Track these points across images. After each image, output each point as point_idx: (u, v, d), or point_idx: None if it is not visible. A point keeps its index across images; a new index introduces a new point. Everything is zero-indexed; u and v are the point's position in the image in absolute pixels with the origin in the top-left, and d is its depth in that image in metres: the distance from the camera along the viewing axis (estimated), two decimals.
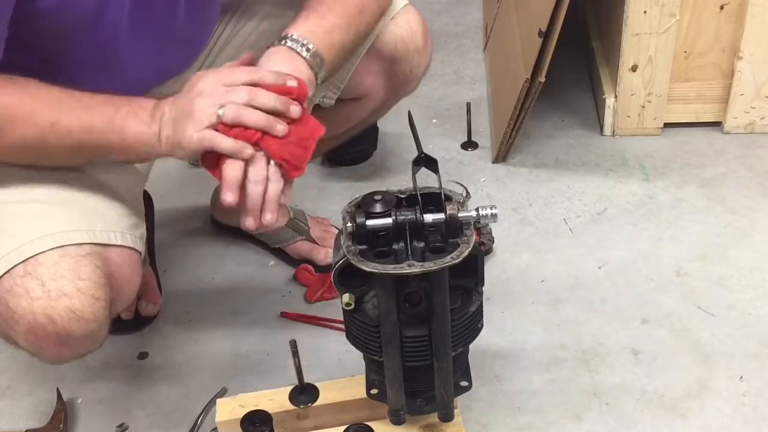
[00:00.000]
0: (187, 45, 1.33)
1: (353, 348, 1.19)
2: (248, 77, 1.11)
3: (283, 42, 1.17)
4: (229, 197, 1.08)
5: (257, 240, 1.73)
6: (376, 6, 1.29)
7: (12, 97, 1.07)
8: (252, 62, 1.17)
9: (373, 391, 1.23)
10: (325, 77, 1.21)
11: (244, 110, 1.08)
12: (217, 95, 1.09)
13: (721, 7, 1.83)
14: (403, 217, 1.07)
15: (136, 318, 1.58)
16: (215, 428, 1.31)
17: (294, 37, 1.17)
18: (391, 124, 1.78)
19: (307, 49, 1.17)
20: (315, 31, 1.17)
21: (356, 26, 1.24)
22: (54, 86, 1.09)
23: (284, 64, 1.15)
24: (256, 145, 1.09)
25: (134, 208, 1.25)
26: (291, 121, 1.11)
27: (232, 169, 1.08)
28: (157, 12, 1.19)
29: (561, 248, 1.71)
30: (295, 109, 1.11)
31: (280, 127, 1.09)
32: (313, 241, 1.67)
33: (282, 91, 1.11)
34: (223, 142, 1.08)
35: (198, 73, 1.13)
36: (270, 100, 1.09)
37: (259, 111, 1.09)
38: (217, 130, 1.08)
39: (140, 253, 1.22)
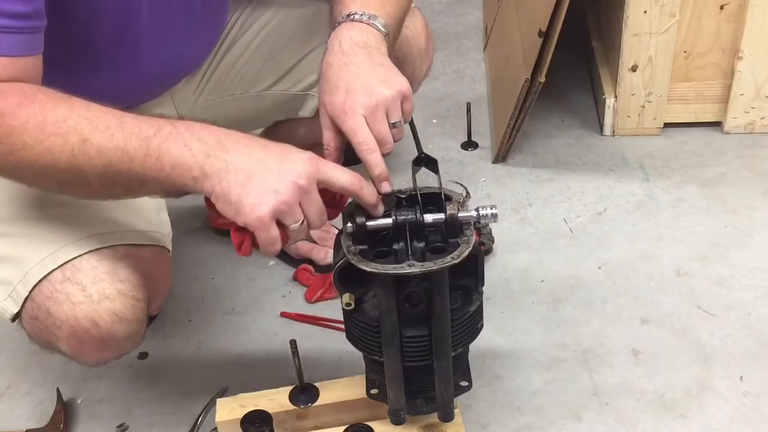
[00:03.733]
0: (205, 32, 1.33)
1: (353, 348, 1.19)
2: (350, 186, 1.04)
3: (347, 18, 1.12)
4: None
5: None
6: None
7: (47, 103, 0.97)
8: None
9: (373, 391, 1.23)
10: (390, 48, 1.16)
11: (303, 231, 1.01)
12: (306, 193, 0.99)
13: (721, 7, 1.83)
14: (403, 217, 1.07)
15: None
16: (215, 428, 1.31)
17: (357, 12, 1.12)
18: None
19: (374, 17, 1.12)
20: (368, 3, 1.13)
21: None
22: (95, 103, 0.99)
23: (356, 31, 1.11)
24: None
25: (158, 207, 1.26)
26: None
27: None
28: (174, 3, 1.20)
29: (561, 248, 1.71)
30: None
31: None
32: (313, 241, 1.67)
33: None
34: (269, 236, 0.99)
35: (289, 147, 1.03)
36: (321, 222, 1.03)
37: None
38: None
39: (170, 251, 1.23)
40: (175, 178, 0.97)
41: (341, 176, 1.03)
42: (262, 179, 0.97)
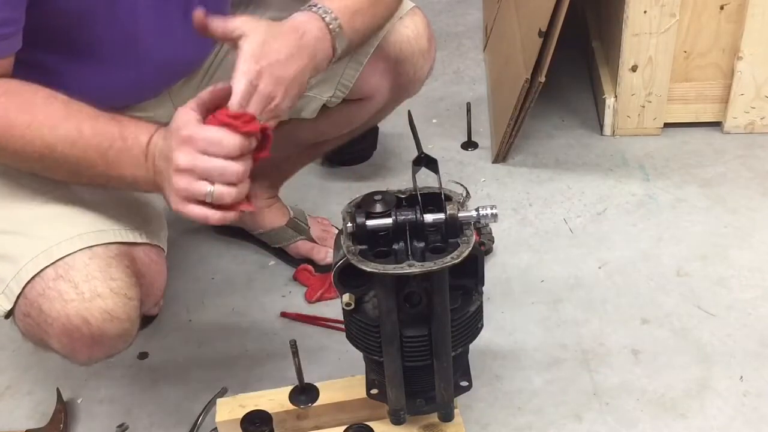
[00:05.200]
0: (201, 38, 1.33)
1: (353, 348, 1.19)
2: (224, 151, 1.02)
3: (306, 9, 1.15)
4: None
5: (257, 240, 1.73)
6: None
7: (12, 108, 1.04)
8: (228, 93, 1.09)
9: (373, 391, 1.23)
10: (341, 54, 1.18)
11: (223, 191, 1.02)
12: (192, 170, 1.01)
13: (721, 7, 1.83)
14: (403, 217, 1.07)
15: None
16: (215, 428, 1.31)
17: (318, 5, 1.14)
18: (391, 124, 1.78)
19: (330, 15, 1.14)
20: (338, 6, 1.15)
21: (375, 8, 1.22)
22: (58, 101, 1.05)
23: (304, 17, 1.13)
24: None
25: (153, 205, 1.26)
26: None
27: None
28: (172, 3, 1.20)
29: (561, 248, 1.71)
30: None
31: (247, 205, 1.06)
32: (313, 241, 1.67)
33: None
34: (211, 219, 1.03)
35: (178, 122, 1.03)
36: (235, 148, 1.03)
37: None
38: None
39: (164, 250, 1.23)
40: (136, 186, 1.09)
41: (205, 136, 1.02)
42: (166, 177, 1.03)
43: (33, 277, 1.09)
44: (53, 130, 1.03)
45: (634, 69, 1.90)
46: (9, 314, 1.13)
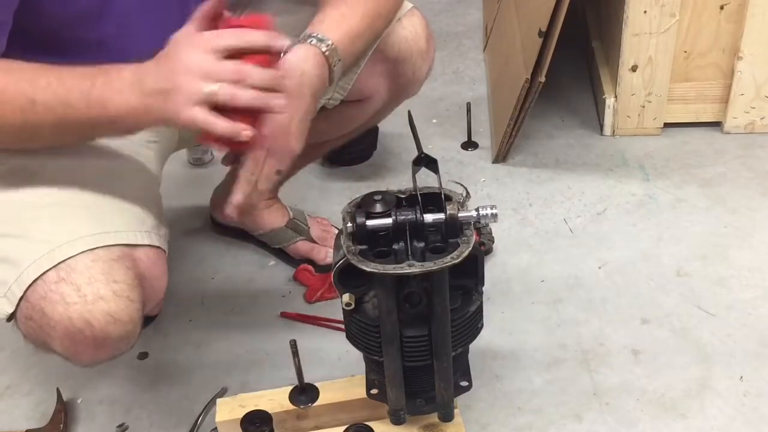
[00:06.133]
0: None
1: (353, 348, 1.19)
2: (235, 42, 1.04)
3: (303, 41, 1.15)
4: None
5: (257, 240, 1.73)
6: (392, 7, 1.29)
7: None
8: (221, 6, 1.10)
9: (373, 391, 1.23)
10: (340, 74, 1.19)
11: (237, 90, 1.02)
12: (205, 68, 1.02)
13: (721, 7, 1.83)
14: (403, 217, 1.07)
15: None
16: (215, 428, 1.31)
17: (315, 35, 1.15)
18: (391, 124, 1.78)
19: (323, 42, 1.14)
20: (331, 27, 1.16)
21: (372, 20, 1.23)
22: (30, 63, 1.05)
23: (302, 50, 1.13)
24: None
25: (154, 207, 1.26)
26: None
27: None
28: (167, 6, 1.20)
29: (561, 248, 1.71)
30: (286, 84, 1.07)
31: (278, 102, 1.05)
32: (313, 241, 1.67)
33: (268, 60, 1.07)
34: (217, 125, 1.02)
35: (177, 37, 1.05)
36: (262, 78, 1.04)
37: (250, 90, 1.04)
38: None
39: (165, 251, 1.23)
40: (120, 121, 1.05)
41: (227, 37, 1.04)
42: (171, 88, 1.02)
43: (35, 280, 1.09)
44: (33, 83, 1.03)
45: (634, 69, 1.90)
46: (11, 317, 1.13)
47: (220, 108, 1.02)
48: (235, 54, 1.03)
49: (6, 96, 1.03)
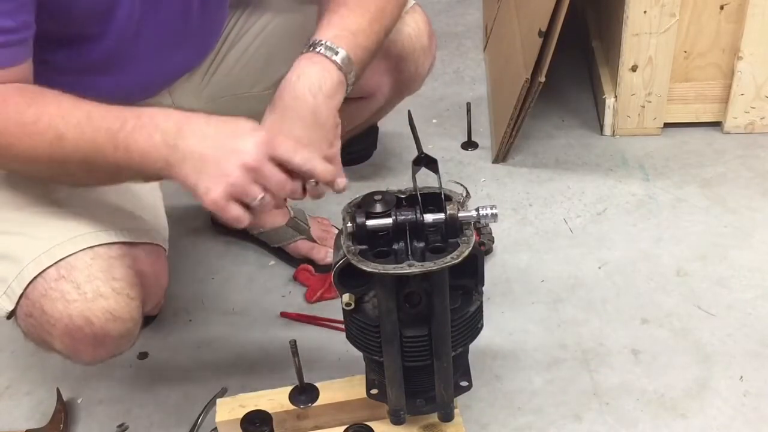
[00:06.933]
0: (200, 40, 1.33)
1: (353, 348, 1.19)
2: (304, 167, 1.04)
3: (312, 48, 1.14)
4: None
5: (257, 240, 1.73)
6: (396, 4, 1.29)
7: (23, 103, 1.02)
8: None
9: (373, 391, 1.23)
10: (354, 80, 1.18)
11: (272, 201, 1.03)
12: (258, 169, 1.01)
13: (721, 7, 1.83)
14: (403, 217, 1.07)
15: None
16: (215, 428, 1.31)
17: (324, 42, 1.14)
18: (391, 124, 1.78)
19: (336, 53, 1.13)
20: (340, 34, 1.15)
21: (379, 24, 1.22)
22: (67, 96, 1.04)
23: (316, 69, 1.12)
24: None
25: (154, 206, 1.26)
26: None
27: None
28: (171, 5, 1.20)
29: (561, 248, 1.71)
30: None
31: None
32: (313, 241, 1.67)
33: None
34: (240, 222, 1.03)
35: (244, 120, 1.05)
36: (296, 197, 1.06)
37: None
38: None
39: (166, 250, 1.23)
40: (145, 168, 1.03)
41: (292, 155, 1.04)
42: (214, 163, 1.00)
43: (35, 278, 1.09)
44: (64, 119, 1.01)
45: (634, 69, 1.90)
46: (11, 315, 1.13)
47: None
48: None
49: (39, 127, 1.01)
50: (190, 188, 1.02)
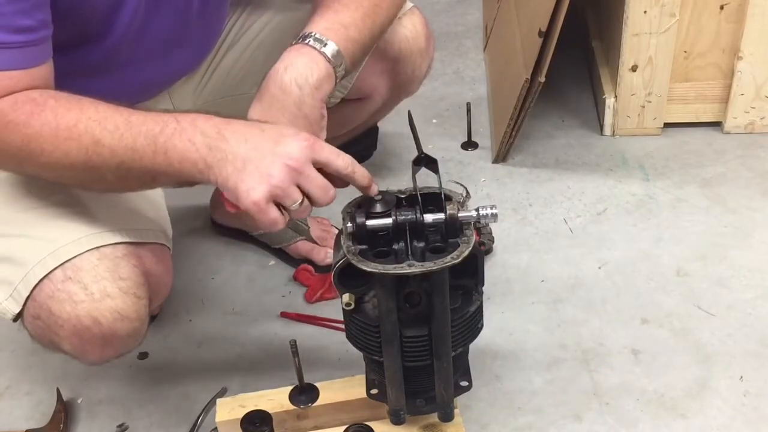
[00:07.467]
0: (200, 41, 1.33)
1: (353, 348, 1.19)
2: (344, 170, 1.06)
3: (301, 40, 1.14)
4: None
5: (257, 240, 1.73)
6: (391, 1, 1.28)
7: (61, 108, 1.01)
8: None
9: (373, 391, 1.23)
10: (344, 74, 1.18)
11: (306, 209, 1.05)
12: (300, 171, 1.02)
13: (721, 7, 1.83)
14: (403, 217, 1.07)
15: None
16: (215, 428, 1.31)
17: (313, 34, 1.14)
18: (391, 124, 1.78)
19: (325, 45, 1.13)
20: (331, 27, 1.15)
21: (372, 20, 1.21)
22: (103, 102, 1.03)
23: (303, 60, 1.13)
24: None
25: (157, 205, 1.26)
26: None
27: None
28: (171, 5, 1.20)
29: (561, 248, 1.71)
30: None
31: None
32: (313, 241, 1.67)
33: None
34: (276, 226, 1.03)
35: (287, 125, 1.08)
36: (327, 198, 1.06)
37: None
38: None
39: (170, 249, 1.23)
40: (183, 172, 1.02)
41: (335, 159, 1.06)
42: (256, 165, 1.01)
43: (41, 280, 1.09)
44: (101, 124, 1.01)
45: (634, 69, 1.90)
46: (17, 317, 1.13)
47: None
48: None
49: (74, 132, 1.00)
50: (230, 189, 1.01)
